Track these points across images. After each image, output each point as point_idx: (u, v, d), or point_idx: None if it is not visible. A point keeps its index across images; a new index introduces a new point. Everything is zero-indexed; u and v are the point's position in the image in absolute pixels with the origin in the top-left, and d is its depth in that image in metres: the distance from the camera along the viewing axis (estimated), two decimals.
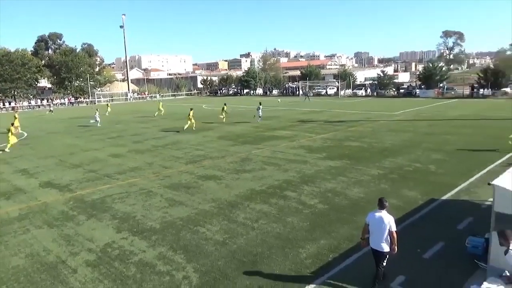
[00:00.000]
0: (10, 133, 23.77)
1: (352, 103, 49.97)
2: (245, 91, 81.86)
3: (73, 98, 74.30)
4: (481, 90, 53.33)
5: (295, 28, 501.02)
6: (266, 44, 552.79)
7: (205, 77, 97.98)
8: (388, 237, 6.83)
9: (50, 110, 53.88)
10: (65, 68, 75.61)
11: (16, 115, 34.53)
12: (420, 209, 10.93)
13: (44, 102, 70.60)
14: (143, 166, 17.57)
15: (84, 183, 15.17)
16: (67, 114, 50.92)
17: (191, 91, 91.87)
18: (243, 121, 33.34)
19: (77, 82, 78.95)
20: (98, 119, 34.72)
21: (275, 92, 77.63)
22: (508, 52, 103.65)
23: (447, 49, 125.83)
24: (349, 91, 67.45)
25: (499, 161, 15.66)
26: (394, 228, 6.81)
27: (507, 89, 52.50)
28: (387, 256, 6.93)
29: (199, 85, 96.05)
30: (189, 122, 28.87)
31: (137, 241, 9.55)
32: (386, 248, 6.84)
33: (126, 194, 13.44)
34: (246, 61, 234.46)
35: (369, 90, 65.69)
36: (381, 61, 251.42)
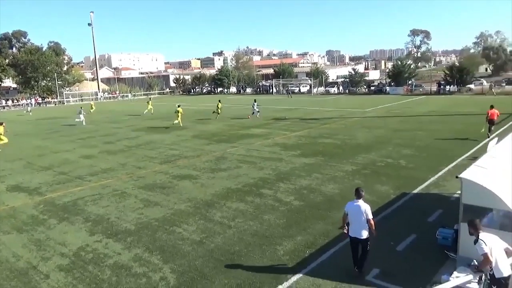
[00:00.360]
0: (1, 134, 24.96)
1: (325, 100, 50.66)
2: (219, 89, 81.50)
3: (40, 98, 71.76)
4: (447, 87, 55.26)
5: (268, 27, 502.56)
6: (238, 42, 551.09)
7: (177, 76, 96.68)
8: (366, 224, 7.24)
9: (29, 111, 52.58)
10: (31, 68, 72.78)
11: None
12: (392, 203, 11.23)
13: (9, 102, 67.87)
14: (116, 167, 17.20)
15: (55, 185, 14.70)
16: (35, 115, 49.10)
17: (164, 90, 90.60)
18: (218, 119, 33.18)
19: (44, 81, 76.20)
20: (82, 118, 34.70)
21: (248, 90, 77.66)
22: (472, 50, 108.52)
23: (415, 47, 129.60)
24: (321, 89, 68.38)
25: (466, 155, 16.29)
26: (370, 216, 7.25)
27: (472, 86, 54.63)
28: (369, 241, 7.32)
29: (172, 84, 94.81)
30: (179, 117, 29.98)
31: (112, 244, 9.35)
32: (365, 234, 7.25)
33: (99, 196, 13.13)
34: (219, 59, 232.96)
35: (341, 87, 66.83)
36: (352, 59, 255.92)
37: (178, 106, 30.74)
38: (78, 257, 8.75)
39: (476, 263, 6.28)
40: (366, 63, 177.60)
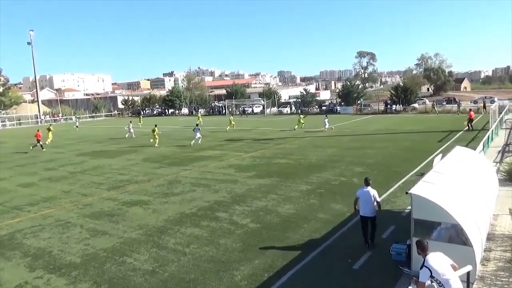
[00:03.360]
0: (154, 133, 31.02)
1: (278, 121, 51.60)
2: (170, 111, 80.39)
3: None
4: (394, 106, 58.51)
5: (219, 47, 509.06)
6: (189, 63, 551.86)
7: (126, 97, 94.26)
8: (374, 205, 9.43)
9: (76, 126, 54.46)
10: None
11: (51, 128, 36.71)
12: (347, 221, 11.52)
13: None
14: (59, 195, 16.27)
15: None
16: None
17: (111, 112, 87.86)
18: (169, 142, 32.64)
19: None
20: (132, 130, 37.29)
21: (201, 111, 77.20)
22: (414, 71, 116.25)
23: (362, 68, 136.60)
24: (274, 109, 69.65)
25: (414, 171, 17.18)
26: (378, 199, 9.56)
27: (416, 105, 58.42)
28: (376, 219, 9.48)
29: (120, 106, 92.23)
30: (231, 123, 39.22)
31: (54, 279, 8.73)
32: (374, 213, 9.48)
33: (40, 227, 12.30)
34: (169, 80, 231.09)
35: (293, 107, 68.52)
36: (303, 79, 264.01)
37: (232, 115, 44.37)
38: None
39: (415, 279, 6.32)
40: (317, 84, 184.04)
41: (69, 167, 22.87)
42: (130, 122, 39.29)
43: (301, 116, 40.72)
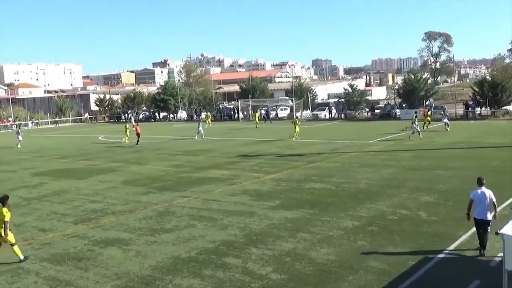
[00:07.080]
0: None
1: (312, 129, 51.55)
2: (162, 114, 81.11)
3: None
4: (478, 109, 57.52)
5: (230, 28, 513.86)
6: (189, 48, 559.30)
7: (101, 96, 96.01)
8: (489, 207, 11.73)
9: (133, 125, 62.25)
10: None
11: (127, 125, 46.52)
12: (411, 272, 11.31)
13: None
14: None
15: None
16: None
17: (81, 115, 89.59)
18: (160, 158, 33.01)
19: None
20: (201, 130, 45.02)
21: (204, 115, 77.74)
22: (507, 60, 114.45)
23: (432, 55, 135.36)
24: (307, 113, 69.58)
25: (506, 203, 16.80)
26: (494, 200, 11.88)
27: (509, 107, 56.80)
28: (490, 224, 11.72)
29: (93, 107, 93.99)
30: (296, 128, 40.77)
31: None
32: (489, 216, 11.79)
33: None
34: (161, 72, 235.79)
35: (334, 110, 68.25)
36: (348, 71, 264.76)
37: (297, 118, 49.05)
38: None
39: None
40: (368, 77, 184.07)
41: (22, 191, 23.33)
42: (199, 121, 50.57)
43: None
